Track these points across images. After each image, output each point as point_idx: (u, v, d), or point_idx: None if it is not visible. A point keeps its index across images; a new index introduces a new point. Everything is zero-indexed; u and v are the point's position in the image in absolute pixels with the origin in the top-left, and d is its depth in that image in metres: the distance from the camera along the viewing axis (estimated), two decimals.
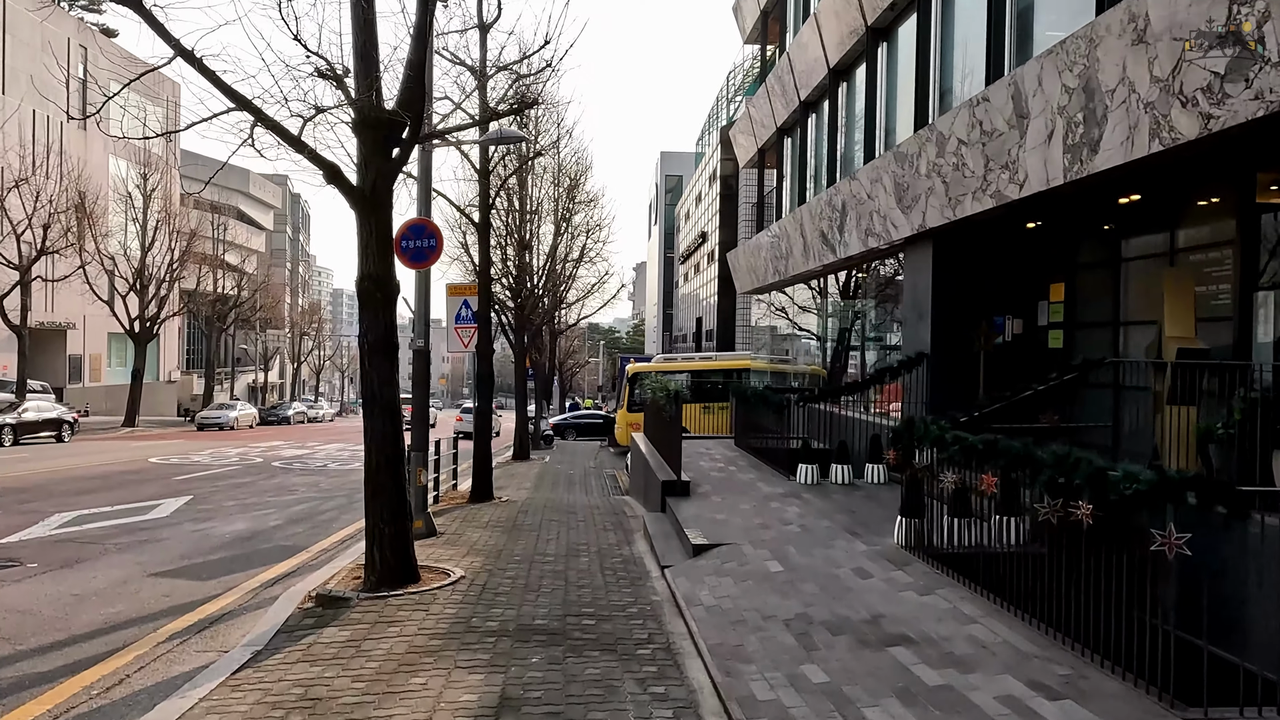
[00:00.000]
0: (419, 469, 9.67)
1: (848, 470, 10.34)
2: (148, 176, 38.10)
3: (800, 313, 19.07)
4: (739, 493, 10.02)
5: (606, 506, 12.70)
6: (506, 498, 13.43)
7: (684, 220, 47.85)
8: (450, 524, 10.44)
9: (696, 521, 8.48)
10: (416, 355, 9.76)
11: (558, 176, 23.95)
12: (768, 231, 18.40)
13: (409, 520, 7.14)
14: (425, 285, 9.70)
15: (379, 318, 7.09)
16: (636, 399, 25.45)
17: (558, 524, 10.60)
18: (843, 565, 6.61)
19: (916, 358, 10.61)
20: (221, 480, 16.40)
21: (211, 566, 8.56)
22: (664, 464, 11.15)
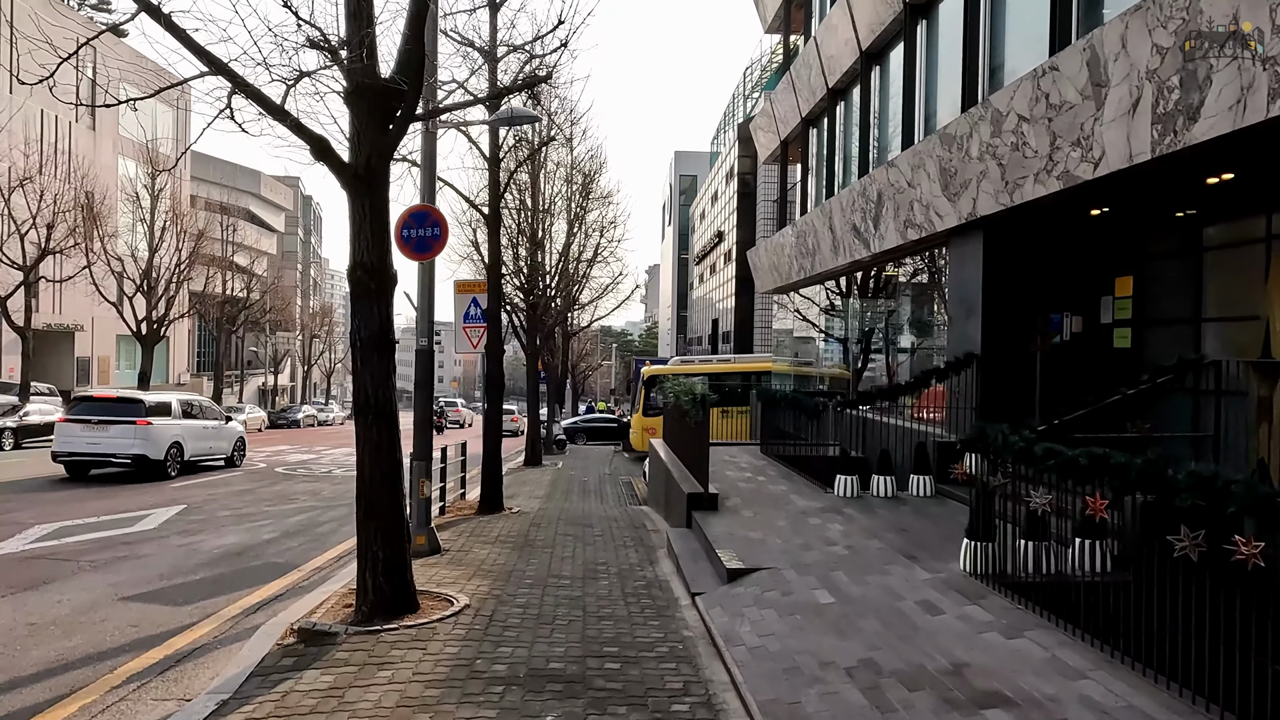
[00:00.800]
0: (421, 480, 8.84)
1: (890, 482, 9.43)
2: (155, 176, 37.54)
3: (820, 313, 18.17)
4: (772, 507, 9.13)
5: (624, 518, 11.83)
6: (518, 508, 12.58)
7: (699, 220, 46.98)
8: (456, 539, 9.60)
9: (728, 541, 7.60)
10: (419, 355, 8.93)
11: (570, 174, 23.14)
12: (792, 227, 17.51)
13: (406, 542, 6.30)
14: (429, 279, 8.88)
15: (374, 311, 6.26)
16: (652, 403, 24.60)
17: (573, 539, 9.75)
18: (905, 597, 5.72)
19: (965, 359, 9.70)
20: (219, 487, 15.65)
21: (191, 588, 7.74)
22: (688, 474, 10.27)
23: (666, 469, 11.47)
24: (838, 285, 16.80)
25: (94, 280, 33.47)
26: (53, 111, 39.32)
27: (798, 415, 11.40)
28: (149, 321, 36.79)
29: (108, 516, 11.59)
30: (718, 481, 9.90)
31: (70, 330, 41.02)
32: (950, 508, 8.77)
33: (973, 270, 9.92)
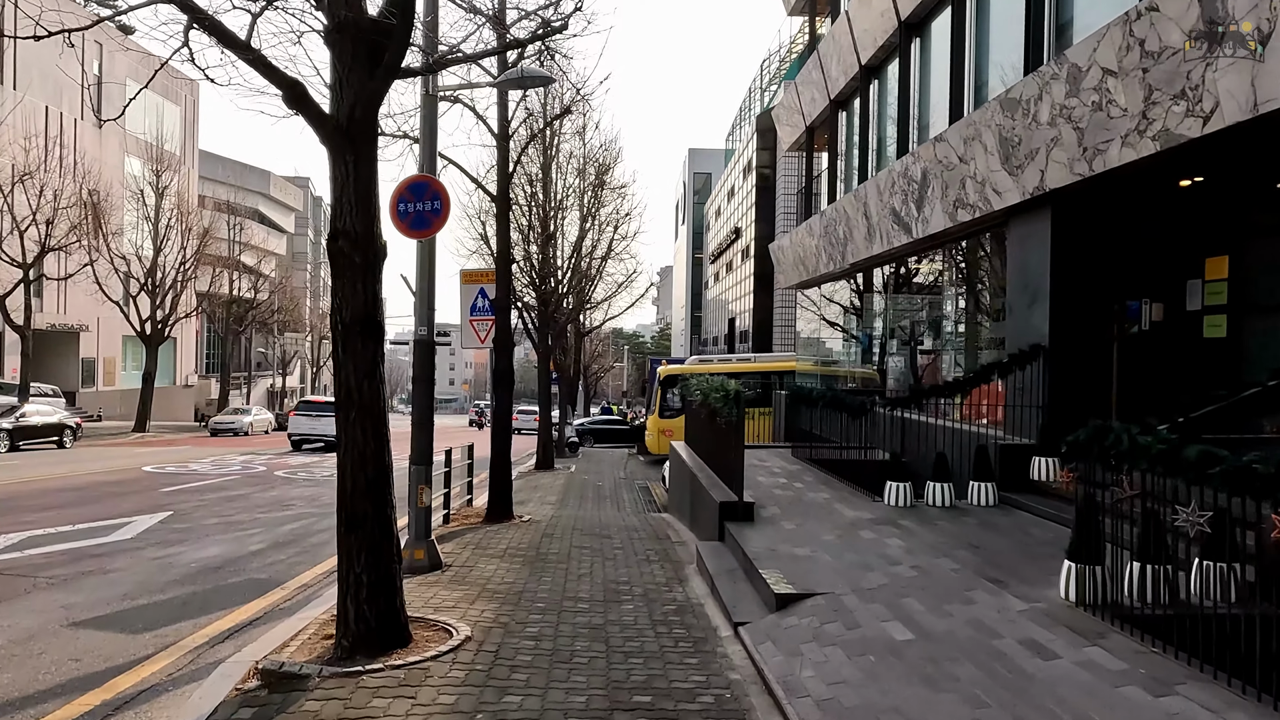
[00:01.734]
0: (420, 487, 7.84)
1: (948, 490, 8.36)
2: (160, 173, 36.83)
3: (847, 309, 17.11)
4: (816, 517, 8.08)
5: (645, 528, 10.81)
6: (529, 516, 11.57)
7: (714, 218, 45.92)
8: (460, 552, 8.60)
9: (771, 558, 6.56)
10: (419, 347, 7.94)
11: (584, 166, 22.16)
12: (819, 217, 16.46)
13: (396, 562, 5.29)
14: (429, 259, 7.88)
15: (357, 288, 5.27)
16: (668, 404, 23.59)
17: (590, 553, 8.73)
18: (1002, 633, 4.67)
19: (1030, 351, 8.63)
20: (213, 492, 14.72)
21: (155, 611, 6.76)
22: (717, 480, 9.23)
23: (691, 474, 10.44)
24: (869, 277, 15.73)
25: (97, 279, 32.77)
26: (57, 108, 38.73)
27: (837, 416, 10.34)
28: (153, 321, 36.09)
29: (85, 525, 10.66)
30: (750, 488, 8.85)
31: (75, 331, 40.36)
32: (1019, 519, 7.71)
33: (1038, 252, 8.85)
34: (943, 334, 12.65)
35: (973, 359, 11.56)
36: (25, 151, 29.75)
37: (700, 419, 10.69)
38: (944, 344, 12.55)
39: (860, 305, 16.59)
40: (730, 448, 8.68)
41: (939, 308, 12.90)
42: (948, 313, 12.52)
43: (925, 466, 9.16)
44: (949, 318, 12.46)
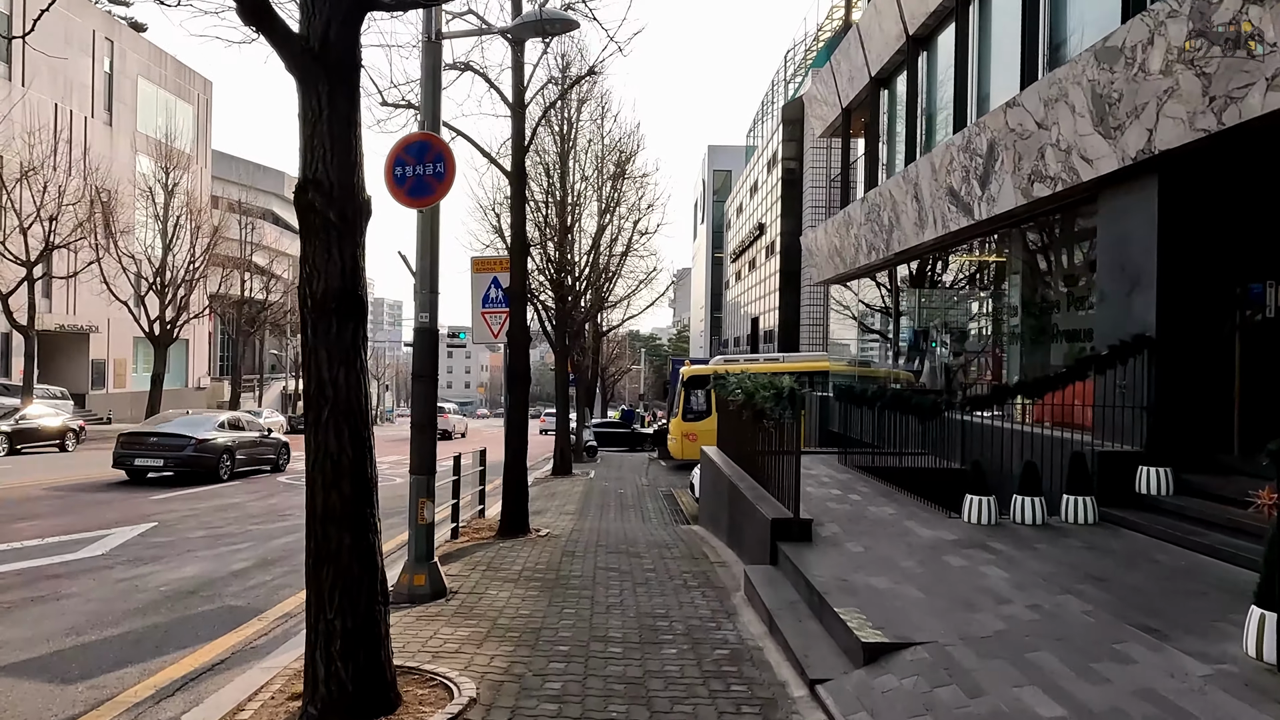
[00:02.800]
0: (421, 502, 6.69)
1: (1039, 506, 7.12)
2: (169, 171, 36.07)
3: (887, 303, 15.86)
4: (886, 538, 6.86)
5: (676, 543, 9.62)
6: (546, 530, 10.40)
7: (735, 216, 44.67)
8: (468, 575, 7.45)
9: (844, 591, 5.36)
10: (420, 337, 6.79)
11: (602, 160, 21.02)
12: (860, 203, 15.22)
13: (381, 604, 4.13)
14: (432, 233, 6.74)
15: (332, 254, 4.13)
16: (692, 406, 22.40)
17: (618, 576, 7.55)
18: (1192, 711, 3.43)
19: (1133, 344, 7.37)
20: (207, 500, 13.66)
21: (100, 652, 5.64)
22: (764, 493, 8.03)
23: (729, 484, 9.24)
24: (919, 268, 14.48)
25: (104, 277, 32.00)
26: (68, 106, 38.10)
27: (897, 419, 9.14)
28: (162, 322, 35.30)
29: (56, 538, 9.60)
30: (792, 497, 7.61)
31: (85, 332, 39.68)
32: (1133, 542, 6.46)
33: (1140, 228, 7.59)
34: (1004, 328, 11.38)
35: (1040, 355, 10.31)
36: (29, 147, 28.97)
37: (740, 422, 9.49)
38: (1006, 339, 11.28)
39: (904, 299, 15.34)
40: (781, 455, 7.47)
41: (999, 298, 11.63)
42: (1009, 304, 11.25)
43: (1001, 477, 7.93)
44: (1011, 309, 11.18)
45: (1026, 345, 10.65)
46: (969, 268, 12.68)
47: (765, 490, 8.07)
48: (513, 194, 9.56)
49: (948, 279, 13.48)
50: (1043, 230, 10.20)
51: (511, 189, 9.57)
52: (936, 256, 13.36)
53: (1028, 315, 10.68)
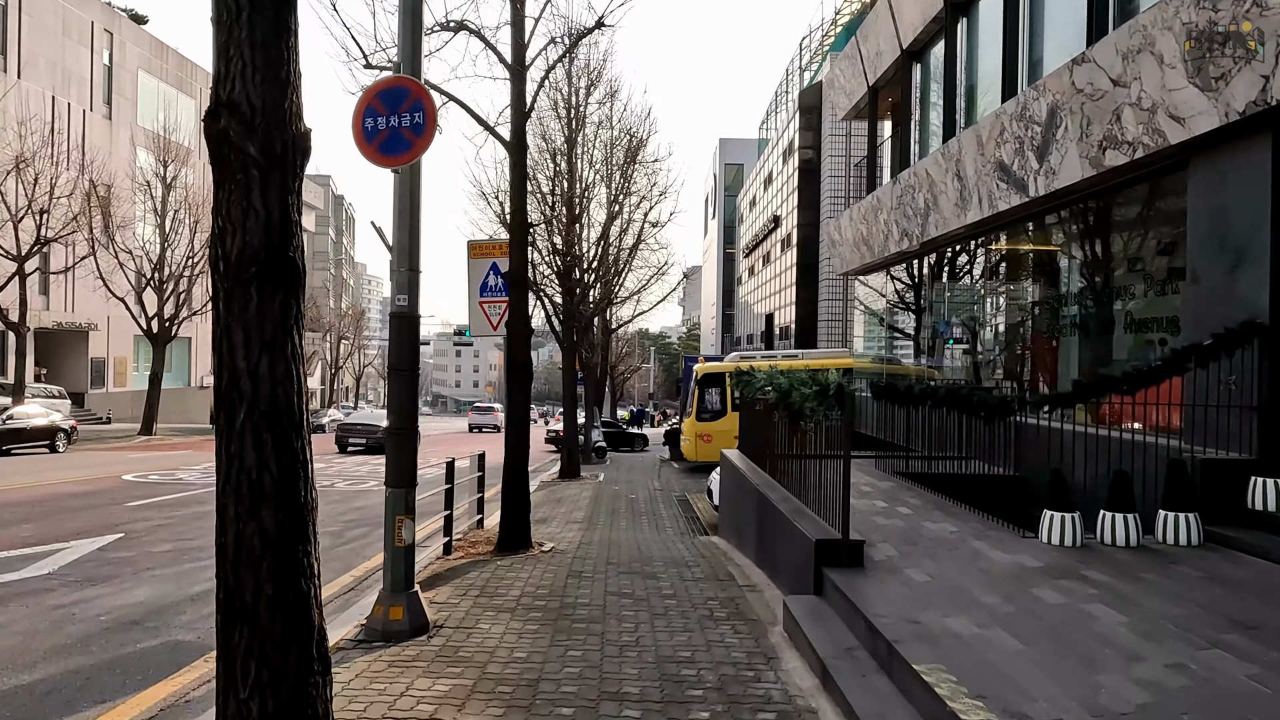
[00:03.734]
0: (399, 519, 5.62)
1: (1132, 524, 6.00)
2: (167, 164, 35.16)
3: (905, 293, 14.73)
4: (952, 561, 5.75)
5: (697, 560, 8.53)
6: (550, 544, 9.33)
7: (748, 209, 43.50)
8: (457, 603, 6.39)
9: (917, 636, 4.26)
10: (398, 323, 5.72)
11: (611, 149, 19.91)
12: (893, 185, 14.08)
13: (318, 678, 3.04)
14: (411, 199, 5.65)
15: (252, 202, 3.07)
16: (707, 405, 21.30)
17: (632, 604, 6.46)
18: None
19: (1241, 331, 6.24)
20: (186, 507, 12.65)
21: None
22: (803, 507, 6.92)
23: (756, 494, 8.14)
24: (956, 254, 13.34)
25: (100, 273, 31.10)
26: (65, 99, 37.28)
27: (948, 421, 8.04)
28: (160, 319, 34.40)
29: (3, 554, 8.59)
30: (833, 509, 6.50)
31: (84, 329, 38.90)
32: (1260, 570, 5.33)
33: (1248, 195, 6.46)
34: (1059, 318, 10.23)
35: (1101, 348, 9.18)
36: (20, 138, 28.08)
37: (769, 423, 8.40)
38: (1061, 331, 10.13)
39: (937, 289, 14.20)
40: (823, 462, 6.36)
41: (1053, 285, 10.48)
42: (1066, 291, 10.10)
43: (1108, 491, 6.81)
44: (1068, 298, 10.04)
45: (1088, 337, 9.51)
46: (1016, 252, 11.54)
47: (802, 503, 6.97)
48: (512, 167, 8.49)
49: (989, 266, 12.34)
50: (1111, 205, 9.05)
51: (510, 160, 8.50)
52: (979, 241, 12.21)
53: (1088, 303, 9.54)
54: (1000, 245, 11.81)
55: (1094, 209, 9.36)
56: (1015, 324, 11.43)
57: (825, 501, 6.33)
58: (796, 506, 6.94)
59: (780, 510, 6.99)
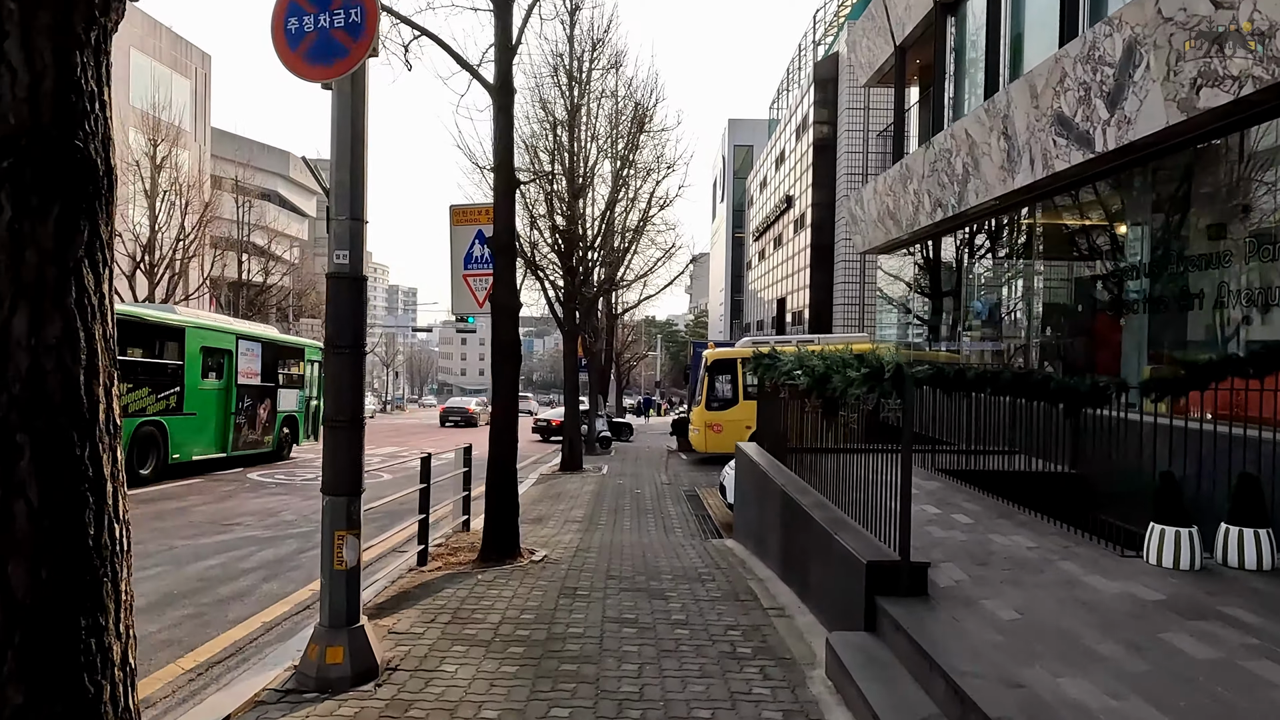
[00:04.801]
0: (339, 536, 4.43)
1: (1266, 542, 4.77)
2: (157, 144, 33.99)
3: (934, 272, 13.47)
4: (1040, 589, 4.53)
5: (711, 571, 7.34)
6: (543, 552, 8.14)
7: (758, 191, 42.12)
8: (422, 632, 5.21)
9: (1029, 712, 3.05)
10: (336, 285, 4.51)
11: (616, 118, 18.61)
12: (925, 150, 12.78)
13: None
14: (353, 124, 4.43)
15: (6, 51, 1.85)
16: (718, 394, 20.06)
17: (636, 635, 5.28)
18: None
19: None
20: (150, 503, 11.52)
21: None
22: (841, 517, 5.71)
23: (782, 496, 6.93)
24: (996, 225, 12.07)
25: None
26: None
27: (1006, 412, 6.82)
28: (151, 304, 33.26)
29: None
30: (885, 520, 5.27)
31: None
32: None
33: None
34: (1125, 294, 8.97)
35: (1177, 325, 7.94)
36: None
37: (797, 413, 7.18)
38: (1128, 308, 8.88)
39: (973, 265, 12.94)
40: (870, 460, 5.15)
41: (1117, 257, 9.22)
42: (1135, 263, 8.84)
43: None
44: (1137, 269, 8.77)
45: (1162, 313, 8.25)
46: (1072, 219, 10.27)
47: (843, 513, 5.75)
48: (496, 113, 7.25)
49: (1038, 237, 11.06)
50: (1200, 158, 7.77)
51: (494, 105, 7.27)
52: (1030, 209, 10.92)
53: (1163, 275, 8.27)
54: (1052, 212, 10.53)
55: (1175, 164, 8.07)
56: (1068, 302, 10.17)
57: (872, 509, 5.13)
58: (835, 515, 5.73)
59: (814, 519, 5.78)
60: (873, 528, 5.14)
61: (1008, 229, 11.80)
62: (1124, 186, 8.97)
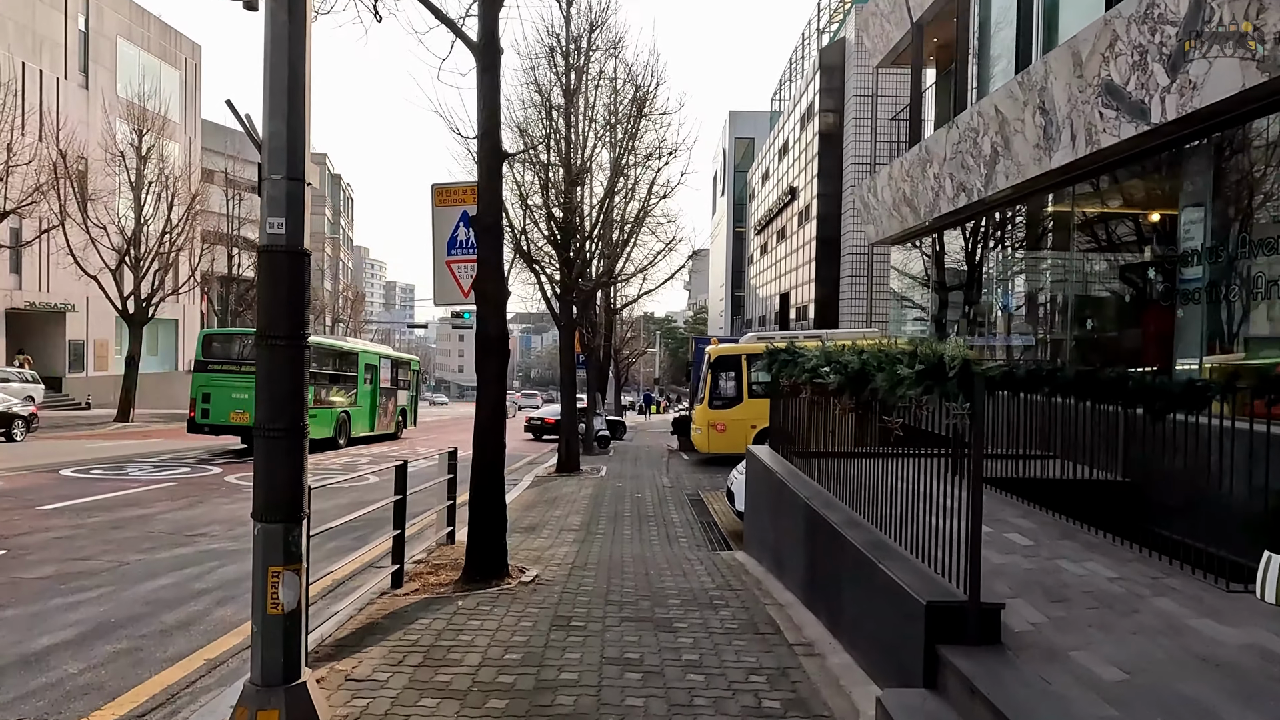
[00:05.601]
0: (274, 574, 3.57)
1: None
2: (143, 134, 33.03)
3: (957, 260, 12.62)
4: (1140, 636, 3.68)
5: (725, 595, 6.50)
6: (533, 570, 7.27)
7: (760, 184, 41.18)
8: (386, 676, 4.36)
9: None
10: (268, 262, 3.63)
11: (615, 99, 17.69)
12: (947, 131, 11.90)
13: None
14: (289, 59, 3.55)
15: None
16: (721, 392, 19.22)
17: (641, 682, 4.43)
18: None
19: None
20: (106, 512, 10.62)
21: None
22: (884, 541, 4.86)
23: (807, 510, 6.08)
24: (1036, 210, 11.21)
25: (70, 249, 29.06)
26: (36, 65, 35.14)
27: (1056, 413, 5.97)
28: (137, 298, 32.38)
29: None
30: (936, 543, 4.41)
31: (60, 310, 36.91)
32: None
33: None
34: (1179, 283, 8.11)
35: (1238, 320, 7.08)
36: None
37: (826, 416, 6.32)
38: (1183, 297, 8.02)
39: (995, 256, 12.08)
40: (917, 469, 4.29)
41: (1167, 242, 8.35)
42: (1190, 249, 7.98)
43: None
44: (1192, 256, 7.91)
45: (1223, 304, 7.39)
46: (1115, 202, 9.41)
47: (882, 533, 4.89)
48: (480, 75, 6.37)
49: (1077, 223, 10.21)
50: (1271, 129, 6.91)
51: (478, 67, 6.38)
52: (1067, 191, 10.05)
53: (1225, 262, 7.41)
54: (1092, 195, 9.66)
55: (1245, 136, 7.20)
56: (1112, 292, 9.32)
57: (919, 529, 4.28)
58: (873, 537, 4.87)
59: (848, 541, 4.92)
60: (920, 553, 4.29)
61: (1040, 213, 10.94)
62: (1182, 163, 8.10)
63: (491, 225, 6.51)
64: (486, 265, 6.57)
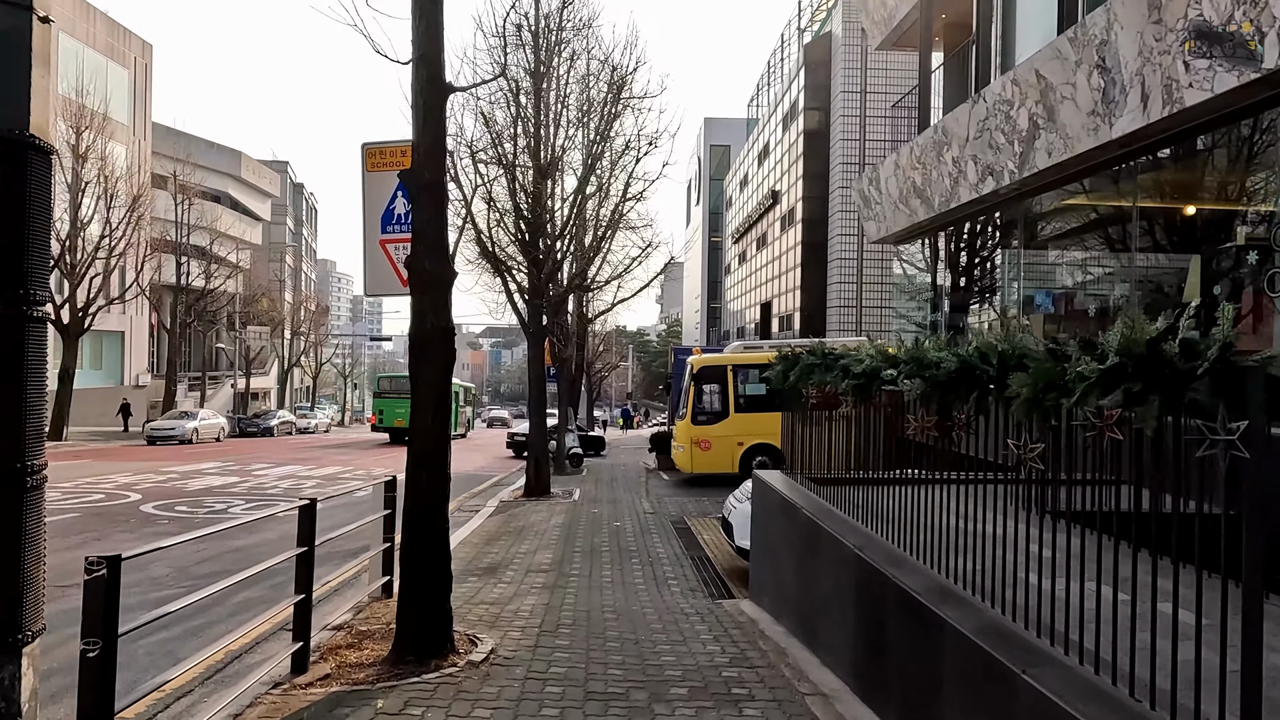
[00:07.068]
0: None
1: None
2: (80, 132, 30.85)
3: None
4: None
5: (743, 676, 4.85)
6: (489, 642, 5.54)
7: (738, 191, 39.85)
8: None
9: None
10: None
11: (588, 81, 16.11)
12: (970, 108, 10.45)
13: None
14: None
15: None
16: (704, 406, 17.61)
17: None
18: None
19: None
20: None
21: None
22: (1009, 631, 3.23)
23: (857, 563, 4.47)
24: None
25: None
26: None
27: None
28: (72, 307, 30.10)
29: None
30: (1110, 633, 2.81)
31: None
32: None
33: None
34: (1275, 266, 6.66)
35: None
36: None
37: (869, 438, 4.72)
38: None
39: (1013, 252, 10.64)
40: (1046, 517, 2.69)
41: (1265, 222, 6.92)
42: None
43: None
44: None
45: None
46: (1199, 174, 7.98)
47: (1011, 621, 3.28)
48: None
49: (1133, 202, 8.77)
50: None
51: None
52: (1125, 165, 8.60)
53: None
54: (1158, 168, 8.23)
55: None
56: (1189, 283, 7.85)
57: (1091, 618, 2.67)
58: (992, 621, 3.26)
59: (952, 625, 3.30)
60: (1081, 653, 2.69)
61: (1087, 194, 9.51)
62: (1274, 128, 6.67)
63: (432, 184, 4.84)
64: (423, 238, 4.89)
